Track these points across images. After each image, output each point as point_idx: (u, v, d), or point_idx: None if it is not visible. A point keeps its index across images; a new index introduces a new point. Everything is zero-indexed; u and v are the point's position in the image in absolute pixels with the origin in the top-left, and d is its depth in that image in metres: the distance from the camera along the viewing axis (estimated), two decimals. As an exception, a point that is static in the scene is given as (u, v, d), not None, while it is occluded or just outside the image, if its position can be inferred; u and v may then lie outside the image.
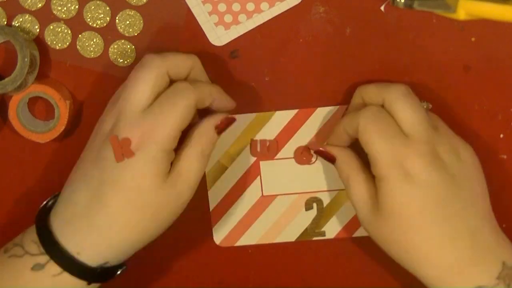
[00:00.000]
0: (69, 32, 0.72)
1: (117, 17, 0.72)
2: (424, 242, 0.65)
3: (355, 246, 0.74)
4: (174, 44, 0.72)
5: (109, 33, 0.72)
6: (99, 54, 0.73)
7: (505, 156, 0.73)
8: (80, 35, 0.72)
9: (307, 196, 0.74)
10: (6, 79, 0.70)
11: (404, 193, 0.64)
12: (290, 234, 0.75)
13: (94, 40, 0.72)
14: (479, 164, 0.68)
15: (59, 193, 0.68)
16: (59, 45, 0.72)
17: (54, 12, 0.72)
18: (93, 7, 0.72)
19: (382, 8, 0.71)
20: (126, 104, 0.65)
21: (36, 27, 0.72)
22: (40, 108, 0.73)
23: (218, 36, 0.72)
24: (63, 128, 0.72)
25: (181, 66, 0.67)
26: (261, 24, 0.72)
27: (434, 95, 0.72)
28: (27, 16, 0.72)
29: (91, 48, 0.72)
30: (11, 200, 0.75)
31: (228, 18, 0.72)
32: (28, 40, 0.71)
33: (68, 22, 0.72)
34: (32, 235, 0.66)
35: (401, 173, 0.64)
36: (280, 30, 0.72)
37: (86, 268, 0.65)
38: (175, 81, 0.66)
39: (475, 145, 0.70)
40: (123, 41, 0.72)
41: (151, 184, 0.64)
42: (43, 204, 0.68)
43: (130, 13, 0.72)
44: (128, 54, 0.72)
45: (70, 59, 0.73)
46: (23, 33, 0.72)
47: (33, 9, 0.72)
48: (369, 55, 0.72)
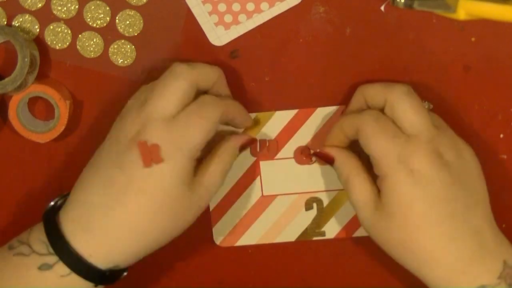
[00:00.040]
0: (69, 32, 0.72)
1: (117, 17, 0.72)
2: (428, 241, 0.64)
3: (355, 246, 0.74)
4: (174, 44, 0.72)
5: (109, 33, 0.72)
6: (99, 54, 0.73)
7: (505, 156, 0.73)
8: (80, 35, 0.72)
9: (307, 196, 0.74)
10: (6, 79, 0.70)
11: (408, 191, 0.64)
12: (290, 234, 0.75)
13: (94, 40, 0.72)
14: (479, 165, 0.68)
15: (68, 193, 0.67)
16: (59, 45, 0.72)
17: (54, 12, 0.72)
18: (93, 7, 0.72)
19: (382, 8, 0.71)
20: (155, 111, 0.65)
21: (36, 27, 0.72)
22: (40, 108, 0.73)
23: (218, 36, 0.72)
24: (63, 128, 0.72)
25: (208, 77, 0.68)
26: (261, 24, 0.72)
27: (434, 95, 0.72)
28: (27, 16, 0.72)
29: (91, 48, 0.72)
30: (11, 200, 0.75)
31: (228, 18, 0.72)
32: (28, 40, 0.71)
33: (68, 22, 0.72)
34: (39, 234, 0.66)
35: (405, 172, 0.64)
36: (280, 30, 0.72)
37: (96, 271, 0.65)
38: (200, 90, 0.68)
39: (475, 145, 0.70)
40: (123, 41, 0.72)
41: (176, 191, 0.65)
42: (51, 203, 0.68)
43: (130, 13, 0.72)
44: (128, 54, 0.72)
45: (70, 59, 0.73)
46: (23, 33, 0.72)
47: (33, 9, 0.72)
48: (369, 55, 0.72)
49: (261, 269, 0.75)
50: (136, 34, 0.72)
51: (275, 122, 0.73)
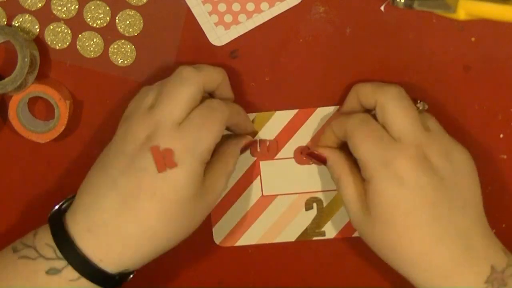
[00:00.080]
0: (69, 32, 0.72)
1: (117, 17, 0.72)
2: (411, 244, 0.64)
3: (355, 246, 0.74)
4: (174, 44, 0.72)
5: (109, 33, 0.72)
6: (99, 54, 0.73)
7: (505, 156, 0.73)
8: (80, 35, 0.72)
9: (307, 196, 0.74)
10: (6, 79, 0.70)
11: (391, 194, 0.64)
12: (290, 234, 0.75)
13: (94, 40, 0.72)
14: (472, 166, 0.67)
15: (73, 197, 0.67)
16: (59, 45, 0.72)
17: (54, 12, 0.72)
18: (93, 7, 0.72)
19: (382, 8, 0.71)
20: (164, 116, 0.65)
21: (36, 27, 0.72)
22: (40, 108, 0.73)
23: (218, 36, 0.72)
24: (63, 128, 0.72)
25: (213, 79, 0.68)
26: (261, 24, 0.72)
27: (434, 95, 0.72)
28: (27, 16, 0.72)
29: (91, 48, 0.72)
30: (11, 200, 0.75)
31: (228, 18, 0.72)
32: (28, 40, 0.71)
33: (68, 22, 0.72)
34: (45, 238, 0.65)
35: (388, 175, 0.64)
36: (280, 30, 0.72)
37: (106, 275, 0.65)
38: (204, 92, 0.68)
39: (475, 145, 0.70)
40: (123, 41, 0.72)
41: (188, 195, 0.65)
42: (56, 207, 0.67)
43: (130, 13, 0.72)
44: (128, 54, 0.72)
45: (70, 59, 0.73)
46: (23, 33, 0.72)
47: (33, 9, 0.72)
48: (369, 55, 0.72)
49: (261, 269, 0.75)
50: (136, 34, 0.72)
51: (275, 122, 0.73)
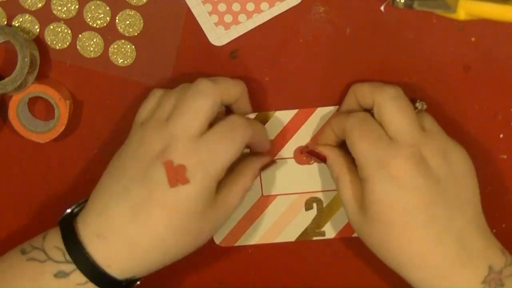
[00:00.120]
0: (69, 32, 0.72)
1: (117, 17, 0.72)
2: (408, 244, 0.65)
3: (355, 246, 0.74)
4: (174, 44, 0.72)
5: (109, 33, 0.72)
6: (99, 54, 0.73)
7: (505, 156, 0.73)
8: (80, 35, 0.72)
9: (307, 196, 0.74)
10: (6, 79, 0.70)
11: (387, 195, 0.64)
12: (290, 234, 0.75)
13: (94, 40, 0.72)
14: (470, 166, 0.67)
15: (84, 201, 0.67)
16: (59, 45, 0.72)
17: (54, 12, 0.72)
18: (93, 7, 0.72)
19: (382, 8, 0.71)
20: (180, 130, 0.64)
21: (36, 27, 0.72)
22: (40, 108, 0.73)
23: (218, 36, 0.72)
24: (63, 128, 0.72)
25: (231, 93, 0.68)
26: (261, 24, 0.72)
27: (434, 95, 0.72)
28: (27, 16, 0.72)
29: (91, 48, 0.72)
30: (11, 200, 0.75)
31: (228, 18, 0.72)
32: (28, 40, 0.71)
33: (68, 22, 0.72)
34: (55, 240, 0.65)
35: (384, 175, 0.64)
36: (280, 30, 0.72)
37: (113, 281, 0.65)
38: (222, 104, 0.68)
39: (475, 145, 0.70)
40: (123, 41, 0.72)
41: (200, 211, 0.65)
42: (68, 210, 0.67)
43: (130, 13, 0.72)
44: (128, 54, 0.72)
45: (70, 59, 0.73)
46: (23, 33, 0.72)
47: (33, 9, 0.72)
48: (369, 55, 0.72)
49: (261, 269, 0.75)
50: (136, 34, 0.72)
51: (275, 122, 0.73)
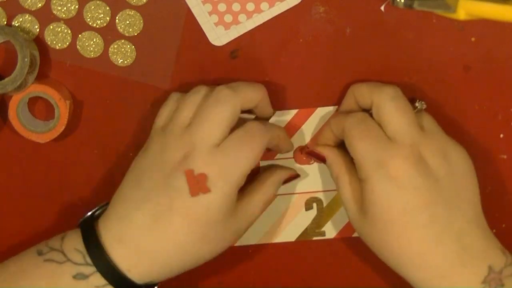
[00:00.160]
0: (69, 32, 0.72)
1: (117, 17, 0.72)
2: (408, 244, 0.65)
3: (355, 246, 0.74)
4: (174, 44, 0.72)
5: (109, 33, 0.72)
6: (99, 54, 0.73)
7: (505, 156, 0.73)
8: (80, 35, 0.72)
9: (307, 196, 0.74)
10: (6, 79, 0.70)
11: (385, 195, 0.64)
12: (290, 234, 0.75)
13: (94, 40, 0.72)
14: (470, 166, 0.67)
15: (106, 204, 0.68)
16: (59, 45, 0.72)
17: (54, 12, 0.72)
18: (93, 7, 0.72)
19: (382, 8, 0.71)
20: (201, 139, 0.64)
21: (36, 27, 0.72)
22: (40, 108, 0.73)
23: (218, 36, 0.72)
24: (63, 128, 0.72)
25: (251, 99, 0.68)
26: (261, 24, 0.72)
27: (434, 95, 0.72)
28: (27, 16, 0.72)
29: (91, 48, 0.72)
30: (11, 200, 0.75)
31: (228, 18, 0.72)
32: (28, 40, 0.71)
33: (68, 22, 0.72)
34: (74, 242, 0.65)
35: (383, 175, 0.64)
36: (280, 30, 0.72)
37: (132, 285, 0.65)
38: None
39: (475, 145, 0.69)
40: (123, 41, 0.72)
41: (221, 219, 0.65)
42: (89, 213, 0.68)
43: (130, 13, 0.72)
44: (128, 54, 0.72)
45: (70, 59, 0.73)
46: (23, 33, 0.72)
47: (33, 9, 0.72)
48: (369, 55, 0.72)
49: (261, 269, 0.75)
50: (136, 34, 0.72)
51: (275, 122, 0.73)
